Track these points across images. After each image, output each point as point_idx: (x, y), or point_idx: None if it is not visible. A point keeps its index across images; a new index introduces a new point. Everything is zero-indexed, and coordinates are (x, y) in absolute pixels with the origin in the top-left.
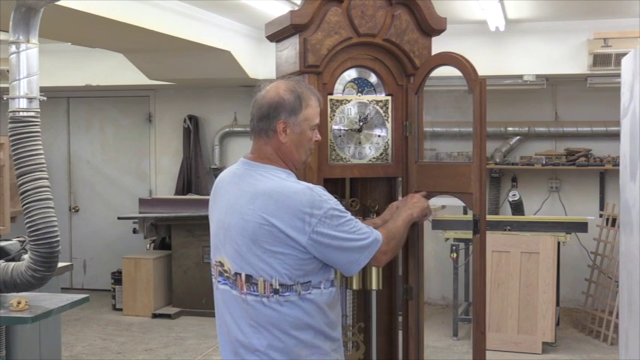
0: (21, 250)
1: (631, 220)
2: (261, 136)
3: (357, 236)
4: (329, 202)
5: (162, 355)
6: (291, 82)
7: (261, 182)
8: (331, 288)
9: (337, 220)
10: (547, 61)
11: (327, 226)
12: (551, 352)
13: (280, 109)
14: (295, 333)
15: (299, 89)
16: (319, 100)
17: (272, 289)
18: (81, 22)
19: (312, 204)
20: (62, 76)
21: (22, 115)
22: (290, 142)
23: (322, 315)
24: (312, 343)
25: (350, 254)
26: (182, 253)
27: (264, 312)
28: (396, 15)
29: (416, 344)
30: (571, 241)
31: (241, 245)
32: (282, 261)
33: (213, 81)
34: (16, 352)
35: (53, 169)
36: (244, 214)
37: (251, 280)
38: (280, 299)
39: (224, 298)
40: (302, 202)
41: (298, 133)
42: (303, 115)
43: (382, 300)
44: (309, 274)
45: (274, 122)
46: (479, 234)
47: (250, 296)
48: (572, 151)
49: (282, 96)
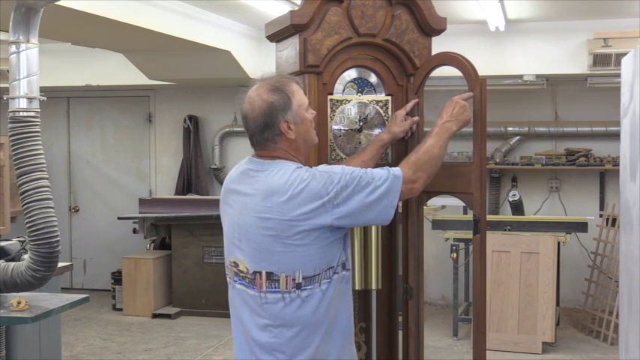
0: (21, 250)
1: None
2: (269, 144)
3: (374, 187)
4: (336, 174)
5: (163, 355)
6: (265, 83)
7: (273, 179)
8: (344, 272)
9: (351, 184)
10: (547, 61)
11: (344, 197)
12: (551, 352)
13: (274, 112)
14: (313, 329)
15: (277, 84)
16: (297, 81)
17: (294, 283)
18: (81, 22)
19: (324, 184)
20: (62, 76)
21: (22, 115)
22: (298, 135)
23: (341, 301)
24: (329, 339)
25: (377, 206)
26: (182, 253)
27: (284, 310)
28: (396, 15)
29: (416, 344)
30: (571, 241)
31: (261, 243)
32: (306, 252)
33: (213, 81)
34: (16, 352)
35: (53, 169)
36: (261, 212)
37: (272, 277)
38: (302, 294)
39: (241, 297)
40: (315, 187)
41: (301, 123)
42: (295, 104)
43: (382, 300)
44: (332, 259)
45: (276, 126)
46: (479, 234)
47: (270, 294)
48: (572, 151)
49: (269, 100)
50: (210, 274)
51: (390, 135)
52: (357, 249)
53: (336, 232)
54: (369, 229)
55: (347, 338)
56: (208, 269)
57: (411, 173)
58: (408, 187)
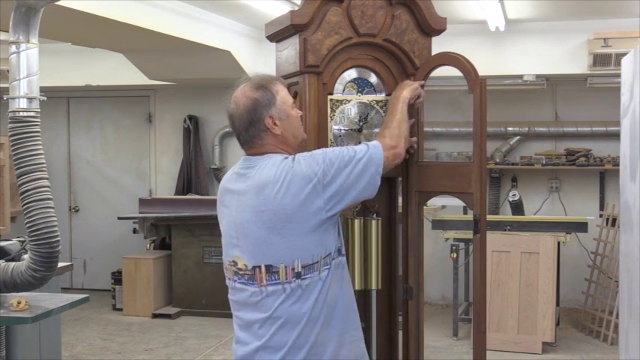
0: (21, 250)
1: (631, 220)
2: (255, 141)
3: (357, 160)
4: (318, 155)
5: (163, 355)
6: (249, 82)
7: (263, 172)
8: (340, 257)
9: (335, 161)
10: (547, 61)
11: (332, 175)
12: (551, 352)
13: (259, 108)
14: (313, 321)
15: (261, 82)
16: (281, 81)
17: (294, 273)
18: (81, 22)
19: (309, 165)
20: (62, 76)
21: (22, 115)
22: (284, 130)
23: (339, 287)
24: (328, 325)
25: (364, 177)
26: (182, 253)
27: (285, 303)
28: (396, 15)
29: (416, 344)
30: (571, 241)
31: (258, 237)
32: (303, 240)
33: (213, 81)
34: (16, 352)
35: (53, 169)
36: (256, 206)
37: (272, 270)
38: (302, 283)
39: (241, 295)
40: (301, 170)
41: (286, 119)
42: (279, 101)
43: (382, 300)
44: (329, 245)
45: (261, 122)
46: (479, 234)
47: (271, 286)
48: (572, 151)
49: (253, 97)
50: (210, 274)
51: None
52: (357, 249)
53: (330, 218)
54: (369, 229)
55: (348, 322)
56: (208, 269)
57: (388, 140)
58: (391, 152)
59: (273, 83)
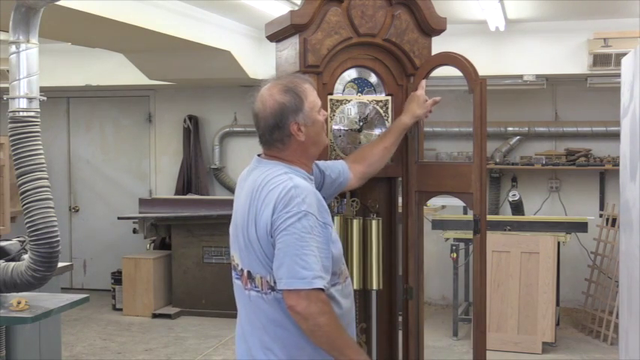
0: (21, 250)
1: (631, 220)
2: (277, 145)
3: (302, 260)
4: (303, 206)
5: (162, 355)
6: (277, 82)
7: (257, 179)
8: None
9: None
10: (547, 61)
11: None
12: (551, 352)
13: (286, 113)
14: (295, 330)
15: (290, 85)
16: (310, 82)
17: (268, 285)
18: (81, 22)
19: (288, 199)
20: (62, 76)
21: (22, 115)
22: (308, 137)
23: None
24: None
25: (283, 268)
26: (182, 253)
27: (266, 309)
28: (396, 15)
29: (416, 344)
30: (571, 241)
31: (243, 242)
32: (269, 259)
33: (213, 81)
34: (16, 352)
35: (53, 169)
36: (244, 212)
37: (251, 276)
38: (277, 295)
39: (237, 292)
40: (279, 195)
41: (312, 125)
42: (307, 107)
43: (382, 300)
44: None
45: (287, 128)
46: (479, 234)
47: (253, 292)
48: (572, 151)
49: (281, 101)
50: (210, 274)
51: (412, 117)
52: (357, 249)
53: None
54: (369, 229)
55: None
56: (208, 269)
57: (319, 308)
58: (305, 303)
59: (301, 86)
